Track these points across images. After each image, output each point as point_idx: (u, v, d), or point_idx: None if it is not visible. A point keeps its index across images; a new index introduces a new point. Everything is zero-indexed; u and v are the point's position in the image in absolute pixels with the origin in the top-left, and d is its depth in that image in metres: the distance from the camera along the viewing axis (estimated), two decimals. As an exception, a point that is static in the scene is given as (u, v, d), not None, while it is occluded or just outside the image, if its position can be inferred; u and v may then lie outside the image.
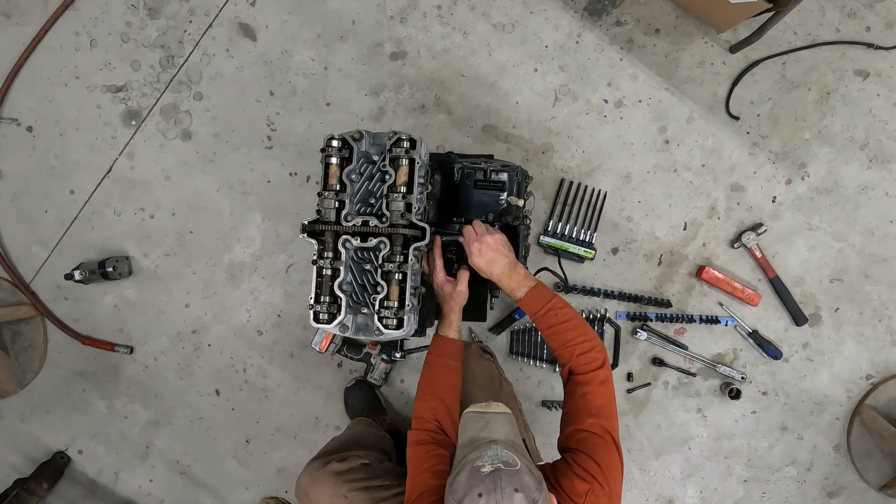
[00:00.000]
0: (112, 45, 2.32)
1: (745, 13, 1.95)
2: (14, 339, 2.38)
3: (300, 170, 2.32)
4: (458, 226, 1.77)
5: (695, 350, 2.31)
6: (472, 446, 1.24)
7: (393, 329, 1.54)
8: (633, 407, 2.34)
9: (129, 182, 2.35)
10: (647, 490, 2.37)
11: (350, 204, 1.58)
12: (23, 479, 2.35)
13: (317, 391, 2.38)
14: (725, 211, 2.29)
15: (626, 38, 2.27)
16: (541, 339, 2.29)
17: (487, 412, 1.32)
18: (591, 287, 2.29)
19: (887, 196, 2.28)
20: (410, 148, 1.55)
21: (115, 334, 2.38)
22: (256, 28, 2.31)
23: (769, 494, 2.36)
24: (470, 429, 1.30)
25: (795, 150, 2.28)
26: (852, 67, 2.25)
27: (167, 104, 2.33)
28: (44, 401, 2.42)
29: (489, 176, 1.83)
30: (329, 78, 2.31)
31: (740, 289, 2.26)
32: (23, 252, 2.37)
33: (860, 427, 2.30)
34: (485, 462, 1.17)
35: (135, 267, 2.35)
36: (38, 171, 2.35)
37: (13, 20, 2.32)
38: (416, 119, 2.30)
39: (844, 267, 2.29)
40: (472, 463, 1.17)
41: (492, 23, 2.28)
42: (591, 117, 2.29)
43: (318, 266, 1.57)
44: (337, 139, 1.57)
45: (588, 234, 2.27)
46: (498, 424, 1.29)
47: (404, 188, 1.55)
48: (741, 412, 2.34)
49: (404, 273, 1.54)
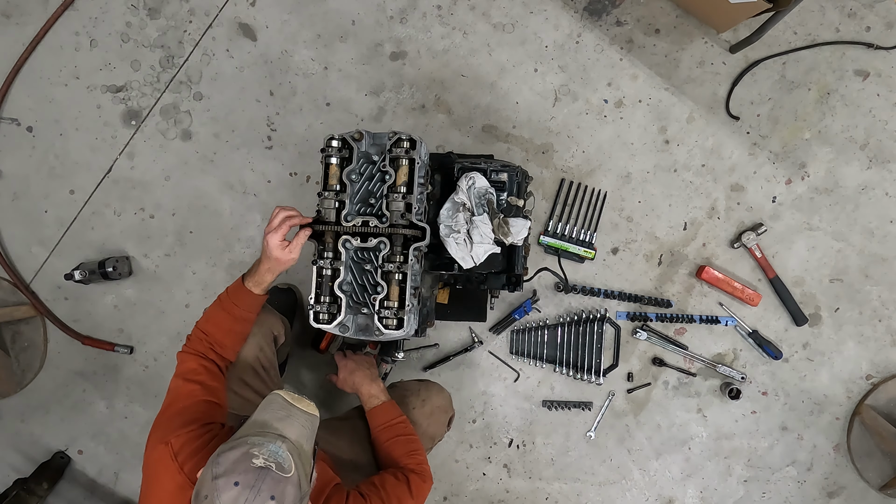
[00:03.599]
0: (112, 45, 2.32)
1: (745, 13, 1.95)
2: (14, 339, 2.38)
3: (300, 170, 2.32)
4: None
5: (695, 350, 2.31)
6: (261, 429, 1.20)
7: (393, 329, 1.54)
8: (633, 407, 2.34)
9: (129, 182, 2.35)
10: (647, 490, 2.37)
11: (350, 204, 1.58)
12: (23, 479, 2.35)
13: (317, 392, 2.38)
14: (725, 211, 2.29)
15: (626, 38, 2.27)
16: (541, 338, 2.29)
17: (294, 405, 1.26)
18: (591, 287, 2.29)
19: (887, 196, 2.28)
20: (410, 148, 1.55)
21: (115, 334, 2.38)
22: (256, 28, 2.31)
23: (769, 494, 2.36)
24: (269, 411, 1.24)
25: (795, 150, 2.28)
26: (852, 67, 2.25)
27: (167, 104, 2.33)
28: (44, 401, 2.42)
29: (489, 176, 1.83)
30: (329, 78, 2.31)
31: (740, 289, 2.26)
32: (23, 252, 2.37)
33: (860, 427, 2.30)
34: (260, 454, 1.12)
35: (135, 267, 2.35)
36: (38, 171, 2.35)
37: (13, 20, 2.32)
38: (416, 119, 2.30)
39: (844, 267, 2.29)
40: (250, 448, 1.13)
41: (492, 23, 2.28)
42: (591, 117, 2.29)
43: (318, 266, 1.57)
44: (337, 139, 1.57)
45: (588, 234, 2.27)
46: (297, 423, 1.23)
47: (404, 188, 1.55)
48: (741, 412, 2.34)
49: (404, 273, 1.54)
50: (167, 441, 1.37)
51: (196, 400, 1.50)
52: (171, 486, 1.34)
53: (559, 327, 2.29)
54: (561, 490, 2.36)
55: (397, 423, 1.72)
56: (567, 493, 2.36)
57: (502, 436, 2.35)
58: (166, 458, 1.36)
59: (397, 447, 1.68)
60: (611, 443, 2.34)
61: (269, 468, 1.11)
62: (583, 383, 2.31)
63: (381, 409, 1.75)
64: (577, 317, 2.29)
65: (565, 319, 2.30)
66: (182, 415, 1.45)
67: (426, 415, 1.87)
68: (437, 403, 1.91)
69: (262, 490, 1.09)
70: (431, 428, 1.89)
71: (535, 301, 2.30)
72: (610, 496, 2.36)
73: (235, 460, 1.12)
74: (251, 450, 1.13)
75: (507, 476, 2.36)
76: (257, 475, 1.10)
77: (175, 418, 1.44)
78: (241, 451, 1.13)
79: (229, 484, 1.09)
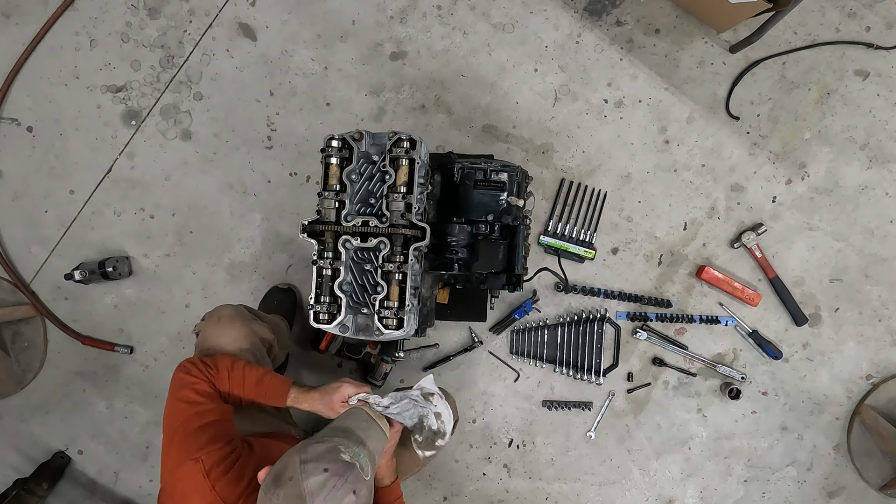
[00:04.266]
0: (112, 45, 2.32)
1: (745, 13, 1.95)
2: (14, 339, 2.38)
3: (300, 170, 2.32)
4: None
5: (695, 350, 2.31)
6: (345, 433, 1.27)
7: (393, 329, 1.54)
8: (633, 407, 2.34)
9: (129, 182, 2.35)
10: (647, 490, 2.37)
11: (350, 204, 1.58)
12: (23, 479, 2.35)
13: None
14: (725, 211, 2.29)
15: (626, 38, 2.27)
16: (541, 338, 2.29)
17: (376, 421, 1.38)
18: (591, 287, 2.29)
19: (887, 196, 2.28)
20: (410, 148, 1.55)
21: (115, 334, 2.38)
22: (256, 28, 2.31)
23: (769, 494, 2.36)
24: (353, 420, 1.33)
25: (795, 150, 2.28)
26: (852, 67, 2.25)
27: (167, 104, 2.33)
28: (44, 401, 2.42)
29: (489, 176, 1.83)
30: (329, 78, 2.31)
31: (740, 289, 2.26)
32: (23, 252, 2.37)
33: (860, 427, 2.30)
34: (348, 451, 1.20)
35: (135, 267, 2.35)
36: (38, 171, 2.35)
37: (13, 20, 2.32)
38: (416, 119, 2.30)
39: (844, 267, 2.29)
40: (338, 444, 1.21)
41: (492, 23, 2.28)
42: (591, 117, 2.29)
43: (318, 266, 1.57)
44: (337, 139, 1.57)
45: (588, 234, 2.27)
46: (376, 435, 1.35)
47: (404, 188, 1.55)
48: (741, 412, 2.34)
49: (404, 273, 1.54)
50: (197, 458, 1.36)
51: (218, 419, 1.48)
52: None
53: (559, 327, 2.29)
54: (561, 490, 2.36)
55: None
56: (567, 493, 2.36)
57: (502, 436, 2.35)
58: (198, 476, 1.35)
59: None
60: (611, 443, 2.35)
61: (354, 465, 1.18)
62: (583, 383, 2.31)
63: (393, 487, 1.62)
64: (577, 317, 2.29)
65: (565, 319, 2.30)
66: (206, 431, 1.42)
67: None
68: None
69: (349, 482, 1.16)
70: None
71: (535, 301, 2.30)
72: (610, 496, 2.36)
73: (324, 451, 1.18)
74: (339, 446, 1.20)
75: (507, 476, 2.36)
76: (345, 467, 1.17)
77: (199, 434, 1.41)
78: (328, 445, 1.20)
79: (319, 469, 1.15)
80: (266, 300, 2.28)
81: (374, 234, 1.54)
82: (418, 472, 2.02)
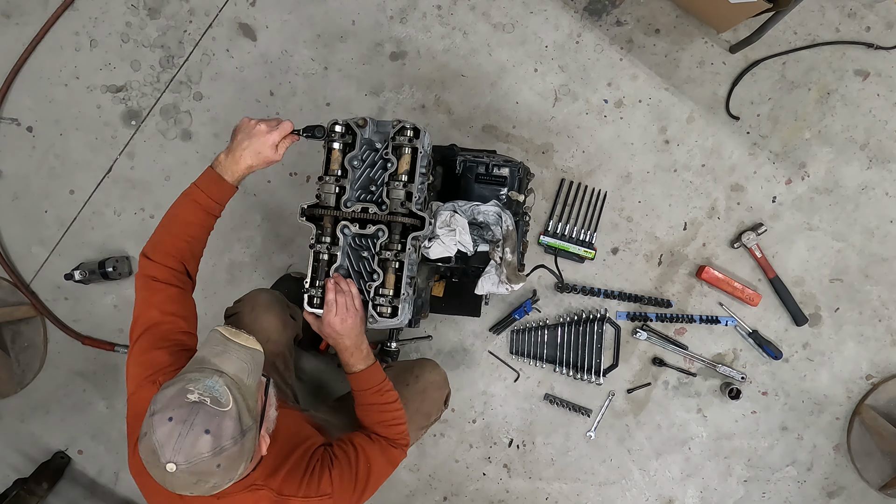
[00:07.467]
0: (112, 45, 2.32)
1: (745, 13, 1.95)
2: (14, 339, 2.38)
3: (300, 170, 2.32)
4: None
5: (695, 350, 2.31)
6: (199, 365, 1.21)
7: (387, 317, 1.53)
8: (633, 407, 2.34)
9: (129, 182, 2.35)
10: (647, 490, 2.37)
11: (350, 190, 1.58)
12: (23, 479, 2.35)
13: (317, 381, 2.38)
14: (725, 211, 2.29)
15: (626, 38, 2.27)
16: (541, 338, 2.29)
17: (232, 340, 1.25)
18: (591, 287, 2.29)
19: (887, 196, 2.28)
20: (414, 137, 1.55)
21: (115, 334, 2.38)
22: (256, 28, 2.31)
23: (769, 494, 2.36)
24: (208, 348, 1.24)
25: (795, 150, 2.28)
26: (852, 67, 2.25)
27: (167, 104, 2.33)
28: (44, 401, 2.42)
29: (491, 170, 1.83)
30: (329, 78, 2.31)
31: (740, 289, 2.26)
32: (23, 252, 2.37)
33: (860, 427, 2.30)
34: (195, 389, 1.14)
35: (135, 267, 2.35)
36: (38, 171, 2.35)
37: (13, 20, 2.32)
38: (417, 119, 2.30)
39: (844, 267, 2.29)
40: (186, 384, 1.15)
41: (492, 23, 2.28)
42: (591, 117, 2.29)
43: (315, 250, 1.56)
44: (341, 124, 1.57)
45: (588, 234, 2.27)
46: (234, 357, 1.22)
47: (406, 177, 1.55)
48: (741, 412, 2.33)
49: (401, 262, 1.53)
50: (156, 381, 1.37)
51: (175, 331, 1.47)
52: None
53: (559, 327, 2.29)
54: (561, 490, 2.36)
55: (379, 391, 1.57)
56: (567, 493, 2.36)
57: (502, 436, 2.35)
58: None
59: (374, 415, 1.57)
60: (611, 443, 2.34)
61: (202, 402, 1.12)
62: (583, 383, 2.31)
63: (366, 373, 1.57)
64: (577, 317, 2.29)
65: (565, 319, 2.30)
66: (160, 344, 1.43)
67: (419, 391, 1.84)
68: (430, 380, 1.88)
69: (196, 424, 1.11)
70: (425, 405, 1.85)
71: (535, 301, 2.30)
72: (610, 496, 2.36)
73: (171, 396, 1.14)
74: (187, 385, 1.14)
75: (507, 476, 2.36)
76: (190, 409, 1.12)
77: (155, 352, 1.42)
78: (177, 387, 1.15)
79: (164, 419, 1.12)
80: (277, 286, 2.27)
81: (373, 221, 1.54)
82: (433, 423, 1.94)
